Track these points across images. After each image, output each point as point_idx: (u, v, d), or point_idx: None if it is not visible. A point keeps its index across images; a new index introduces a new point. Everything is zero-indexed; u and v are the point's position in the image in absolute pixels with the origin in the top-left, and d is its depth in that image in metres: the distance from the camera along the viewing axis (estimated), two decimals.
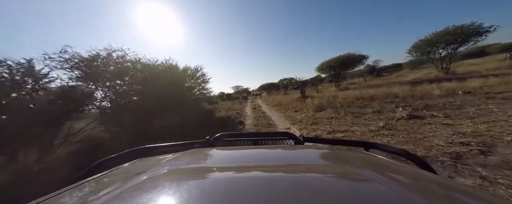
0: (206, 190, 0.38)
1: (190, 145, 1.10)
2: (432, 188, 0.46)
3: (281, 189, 0.38)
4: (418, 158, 0.77)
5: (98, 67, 4.79)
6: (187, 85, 9.83)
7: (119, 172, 0.65)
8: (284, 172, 0.50)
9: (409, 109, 5.36)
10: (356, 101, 8.32)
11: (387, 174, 0.50)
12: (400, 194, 0.36)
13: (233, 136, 1.27)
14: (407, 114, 4.83)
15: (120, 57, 5.25)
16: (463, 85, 7.70)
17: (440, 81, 10.34)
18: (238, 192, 0.36)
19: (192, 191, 0.37)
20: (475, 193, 0.42)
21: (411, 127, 4.09)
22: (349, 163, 0.57)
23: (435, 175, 0.57)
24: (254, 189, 0.38)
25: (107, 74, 4.96)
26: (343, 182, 0.43)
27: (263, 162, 0.61)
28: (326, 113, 6.85)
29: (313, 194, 0.35)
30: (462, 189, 0.46)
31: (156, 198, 0.35)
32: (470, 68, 15.11)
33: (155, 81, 5.75)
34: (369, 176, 0.44)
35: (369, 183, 0.41)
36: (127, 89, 5.50)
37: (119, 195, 0.39)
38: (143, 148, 1.00)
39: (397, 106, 6.15)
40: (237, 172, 0.50)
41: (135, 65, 5.47)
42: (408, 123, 4.43)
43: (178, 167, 0.57)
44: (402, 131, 3.95)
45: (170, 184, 0.41)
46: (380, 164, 0.62)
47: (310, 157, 0.68)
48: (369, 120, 5.16)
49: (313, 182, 0.42)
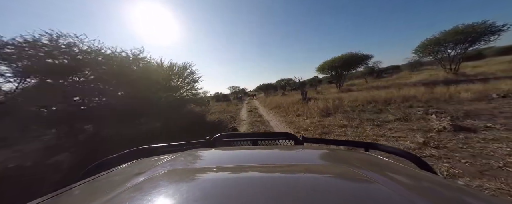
0: (206, 190, 0.38)
1: (190, 145, 1.10)
2: (432, 188, 0.45)
3: (281, 190, 0.38)
4: (419, 159, 0.75)
5: (36, 57, 3.47)
6: (174, 84, 8.51)
7: (118, 173, 0.63)
8: (284, 173, 0.50)
9: (446, 117, 4.22)
10: (367, 104, 7.20)
11: (387, 174, 0.50)
12: (400, 195, 0.35)
13: (233, 136, 1.29)
14: (450, 125, 3.68)
15: (71, 45, 3.92)
16: (492, 87, 6.66)
17: (455, 83, 9.38)
18: (238, 192, 0.36)
19: (192, 191, 0.37)
20: (475, 193, 0.42)
21: (469, 145, 2.93)
22: (349, 163, 0.57)
23: (435, 176, 0.56)
24: (254, 190, 0.38)
25: (51, 66, 3.64)
26: (343, 182, 0.43)
27: (263, 162, 0.61)
28: (336, 119, 5.68)
29: (313, 195, 0.35)
30: (462, 189, 0.46)
31: (155, 198, 0.35)
32: (477, 70, 14.29)
33: (122, 78, 4.44)
34: (369, 177, 0.43)
35: (369, 184, 0.40)
36: (83, 87, 4.16)
37: (118, 195, 0.38)
38: (143, 148, 0.99)
39: (427, 112, 5.01)
40: (237, 172, 0.50)
41: (92, 57, 4.12)
42: (458, 137, 3.27)
43: (177, 167, 0.57)
44: (459, 151, 2.78)
45: (170, 185, 0.42)
46: (380, 165, 0.62)
47: (310, 157, 0.68)
48: (396, 131, 4.00)
49: (313, 182, 0.42)
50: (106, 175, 0.61)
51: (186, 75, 9.01)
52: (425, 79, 14.36)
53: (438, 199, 0.37)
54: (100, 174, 0.62)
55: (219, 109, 14.29)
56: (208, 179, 0.45)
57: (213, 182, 0.43)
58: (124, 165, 0.72)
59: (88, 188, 0.52)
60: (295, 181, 0.44)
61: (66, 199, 0.45)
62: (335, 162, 0.60)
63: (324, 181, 0.43)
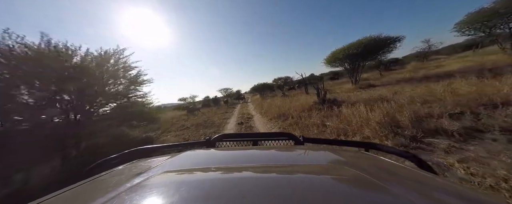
0: (206, 191, 0.37)
1: (190, 146, 1.11)
2: (432, 188, 0.45)
3: (281, 190, 0.37)
4: (419, 159, 0.73)
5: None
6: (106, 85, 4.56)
7: (118, 173, 0.62)
8: (284, 173, 0.50)
9: None
10: (447, 108, 3.45)
11: (387, 174, 0.50)
12: (400, 195, 0.35)
13: (233, 136, 1.27)
14: None
15: None
16: None
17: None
18: (238, 193, 0.36)
19: (191, 192, 0.37)
20: (475, 193, 0.42)
21: None
22: (349, 163, 0.58)
23: (436, 176, 0.55)
24: (254, 190, 0.37)
25: None
26: (344, 183, 0.43)
27: (263, 162, 0.61)
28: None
29: (314, 195, 0.35)
30: (463, 189, 0.45)
31: (155, 199, 0.35)
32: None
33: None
34: (369, 177, 0.43)
35: (369, 184, 0.40)
36: None
37: (117, 196, 0.38)
38: (143, 148, 0.98)
39: None
40: (237, 172, 0.50)
41: None
42: None
43: (177, 168, 0.57)
44: None
45: (169, 185, 0.42)
46: (380, 165, 0.62)
47: (310, 157, 0.68)
48: None
49: (313, 182, 0.42)
50: (105, 175, 0.60)
51: (120, 68, 5.02)
52: (469, 66, 10.58)
53: (438, 199, 0.37)
54: (99, 174, 0.61)
55: (197, 120, 10.34)
56: (208, 180, 0.45)
57: (213, 182, 0.42)
58: (124, 165, 0.71)
59: (87, 189, 0.51)
60: (296, 181, 0.43)
61: (66, 200, 0.45)
62: (335, 163, 0.60)
63: (324, 181, 0.43)
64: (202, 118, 11.05)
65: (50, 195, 0.46)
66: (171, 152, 0.81)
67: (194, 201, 0.32)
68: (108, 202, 0.35)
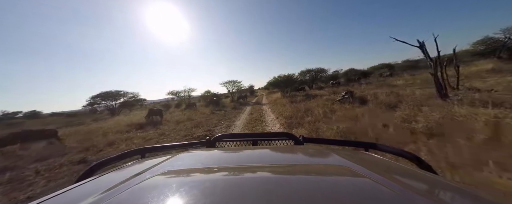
0: (206, 190, 0.37)
1: (190, 146, 1.12)
2: (432, 188, 0.45)
3: (281, 190, 0.37)
4: (418, 158, 0.74)
5: None
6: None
7: (119, 173, 0.62)
8: (284, 173, 0.50)
9: None
10: None
11: (387, 174, 0.49)
12: (400, 195, 0.35)
13: (233, 136, 1.28)
14: None
15: None
16: None
17: None
18: (238, 192, 0.36)
19: (192, 191, 0.37)
20: (475, 193, 0.41)
21: None
22: (349, 163, 0.57)
23: (435, 175, 0.56)
24: (254, 190, 0.37)
25: None
26: (343, 182, 0.43)
27: (263, 162, 0.62)
28: None
29: (313, 195, 0.35)
30: (462, 189, 0.45)
31: (156, 198, 0.34)
32: None
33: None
34: (369, 177, 0.43)
35: (369, 184, 0.41)
36: None
37: (119, 195, 0.38)
38: (143, 148, 0.98)
39: None
40: (237, 172, 0.50)
41: None
42: None
43: (178, 167, 0.57)
44: None
45: (170, 185, 0.42)
46: (380, 164, 0.62)
47: (310, 157, 0.69)
48: None
49: (313, 182, 0.42)
50: (107, 175, 0.60)
51: None
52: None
53: (438, 198, 0.37)
54: (101, 174, 0.62)
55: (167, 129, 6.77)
56: (208, 179, 0.45)
57: (213, 182, 0.42)
58: (125, 165, 0.72)
59: (89, 188, 0.50)
60: (295, 181, 0.44)
61: (67, 199, 0.44)
62: (335, 162, 0.60)
63: (324, 181, 0.43)
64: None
65: (50, 195, 0.45)
66: (171, 152, 0.82)
67: (194, 201, 0.32)
68: (108, 202, 0.35)
